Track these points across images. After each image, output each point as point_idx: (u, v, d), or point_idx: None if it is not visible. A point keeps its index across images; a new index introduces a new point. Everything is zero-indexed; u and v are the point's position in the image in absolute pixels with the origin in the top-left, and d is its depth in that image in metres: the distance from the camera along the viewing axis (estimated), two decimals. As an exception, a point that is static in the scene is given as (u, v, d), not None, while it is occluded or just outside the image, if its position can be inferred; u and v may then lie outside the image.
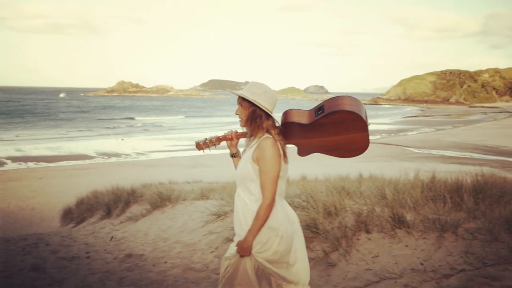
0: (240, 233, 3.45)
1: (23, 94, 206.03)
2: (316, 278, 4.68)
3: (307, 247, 5.13)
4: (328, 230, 5.11)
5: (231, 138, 3.63)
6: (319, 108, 3.40)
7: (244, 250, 3.35)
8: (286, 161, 3.43)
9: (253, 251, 3.35)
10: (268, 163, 3.30)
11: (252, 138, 3.48)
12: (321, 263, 4.86)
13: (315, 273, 4.76)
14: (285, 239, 3.38)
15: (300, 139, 3.55)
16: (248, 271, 3.39)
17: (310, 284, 4.17)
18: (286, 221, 3.43)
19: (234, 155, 3.69)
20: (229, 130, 3.64)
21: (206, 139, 3.68)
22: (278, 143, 3.37)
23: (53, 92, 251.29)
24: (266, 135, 3.38)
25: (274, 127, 3.43)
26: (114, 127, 58.47)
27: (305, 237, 5.18)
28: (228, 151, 3.70)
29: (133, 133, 51.99)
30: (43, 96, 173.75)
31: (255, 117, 3.41)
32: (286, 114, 3.53)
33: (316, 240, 5.21)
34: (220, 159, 29.83)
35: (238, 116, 3.50)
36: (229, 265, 3.46)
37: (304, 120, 3.45)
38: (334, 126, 3.36)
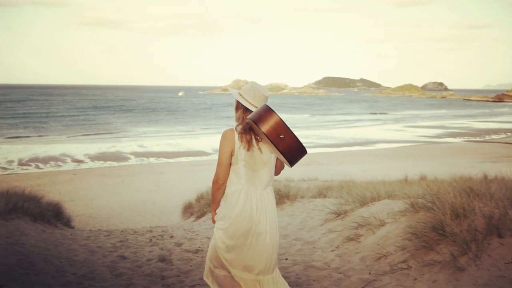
0: None
1: (145, 92, 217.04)
2: (444, 283, 4.50)
3: (433, 249, 4.97)
4: (456, 233, 4.90)
5: None
6: None
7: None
8: (248, 149, 3.67)
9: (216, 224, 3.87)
10: (218, 149, 3.75)
11: None
12: (448, 267, 4.67)
13: (442, 277, 4.58)
14: (235, 221, 3.70)
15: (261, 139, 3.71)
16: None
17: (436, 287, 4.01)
18: (242, 208, 3.70)
19: None
20: None
21: None
22: (237, 134, 3.68)
23: (173, 90, 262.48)
24: (233, 126, 3.75)
25: (243, 120, 3.72)
26: (230, 125, 59.98)
27: (431, 239, 5.04)
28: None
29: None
30: (164, 94, 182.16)
31: (237, 108, 3.83)
32: None
33: (442, 242, 5.00)
34: (334, 157, 29.68)
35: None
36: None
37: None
38: (258, 133, 3.59)
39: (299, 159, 3.50)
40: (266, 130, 3.36)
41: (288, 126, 3.41)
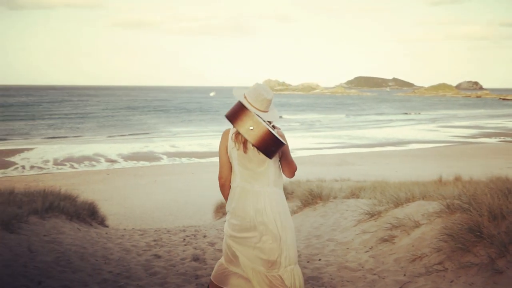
0: None
1: (178, 92, 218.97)
2: (481, 285, 4.42)
3: (470, 251, 4.88)
4: (494, 235, 4.80)
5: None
6: None
7: None
8: (243, 150, 3.73)
9: None
10: None
11: None
12: (486, 270, 4.58)
13: (480, 280, 4.50)
14: (232, 215, 3.84)
15: None
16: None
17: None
18: (236, 204, 3.81)
19: None
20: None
21: None
22: (231, 134, 3.78)
23: (205, 90, 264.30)
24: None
25: None
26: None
27: (468, 241, 4.96)
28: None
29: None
30: (196, 95, 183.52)
31: None
32: None
33: (480, 244, 4.92)
34: (366, 158, 29.46)
35: None
36: None
37: None
38: None
39: (275, 150, 3.56)
40: (236, 123, 3.54)
41: (259, 119, 3.53)
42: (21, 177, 23.12)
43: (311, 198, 9.96)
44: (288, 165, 3.85)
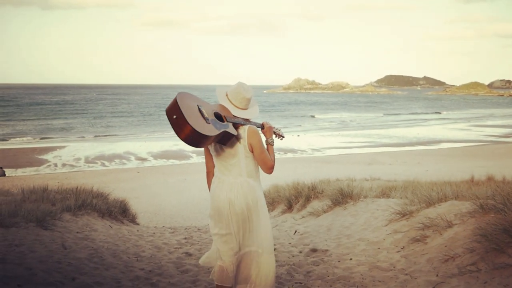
0: None
1: (207, 91, 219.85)
2: (515, 287, 4.35)
3: (504, 252, 4.80)
4: (529, 236, 4.72)
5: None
6: None
7: None
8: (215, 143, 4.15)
9: None
10: None
11: None
12: (521, 271, 4.51)
13: (515, 282, 4.43)
14: (211, 203, 4.19)
15: None
16: None
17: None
18: (213, 192, 4.18)
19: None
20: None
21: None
22: None
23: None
24: None
25: None
26: (300, 125, 59.89)
27: (502, 241, 4.87)
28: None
29: (311, 130, 52.93)
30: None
31: None
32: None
33: (514, 245, 4.84)
34: (396, 157, 29.18)
35: None
36: None
37: None
38: None
39: (193, 140, 3.75)
40: (170, 117, 3.77)
41: (182, 109, 3.69)
42: (54, 174, 23.56)
43: (341, 197, 9.90)
44: (261, 161, 4.10)
